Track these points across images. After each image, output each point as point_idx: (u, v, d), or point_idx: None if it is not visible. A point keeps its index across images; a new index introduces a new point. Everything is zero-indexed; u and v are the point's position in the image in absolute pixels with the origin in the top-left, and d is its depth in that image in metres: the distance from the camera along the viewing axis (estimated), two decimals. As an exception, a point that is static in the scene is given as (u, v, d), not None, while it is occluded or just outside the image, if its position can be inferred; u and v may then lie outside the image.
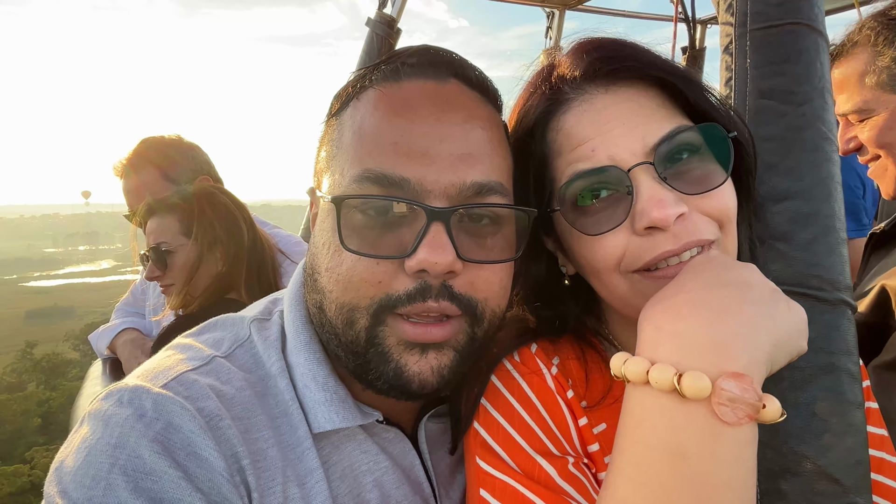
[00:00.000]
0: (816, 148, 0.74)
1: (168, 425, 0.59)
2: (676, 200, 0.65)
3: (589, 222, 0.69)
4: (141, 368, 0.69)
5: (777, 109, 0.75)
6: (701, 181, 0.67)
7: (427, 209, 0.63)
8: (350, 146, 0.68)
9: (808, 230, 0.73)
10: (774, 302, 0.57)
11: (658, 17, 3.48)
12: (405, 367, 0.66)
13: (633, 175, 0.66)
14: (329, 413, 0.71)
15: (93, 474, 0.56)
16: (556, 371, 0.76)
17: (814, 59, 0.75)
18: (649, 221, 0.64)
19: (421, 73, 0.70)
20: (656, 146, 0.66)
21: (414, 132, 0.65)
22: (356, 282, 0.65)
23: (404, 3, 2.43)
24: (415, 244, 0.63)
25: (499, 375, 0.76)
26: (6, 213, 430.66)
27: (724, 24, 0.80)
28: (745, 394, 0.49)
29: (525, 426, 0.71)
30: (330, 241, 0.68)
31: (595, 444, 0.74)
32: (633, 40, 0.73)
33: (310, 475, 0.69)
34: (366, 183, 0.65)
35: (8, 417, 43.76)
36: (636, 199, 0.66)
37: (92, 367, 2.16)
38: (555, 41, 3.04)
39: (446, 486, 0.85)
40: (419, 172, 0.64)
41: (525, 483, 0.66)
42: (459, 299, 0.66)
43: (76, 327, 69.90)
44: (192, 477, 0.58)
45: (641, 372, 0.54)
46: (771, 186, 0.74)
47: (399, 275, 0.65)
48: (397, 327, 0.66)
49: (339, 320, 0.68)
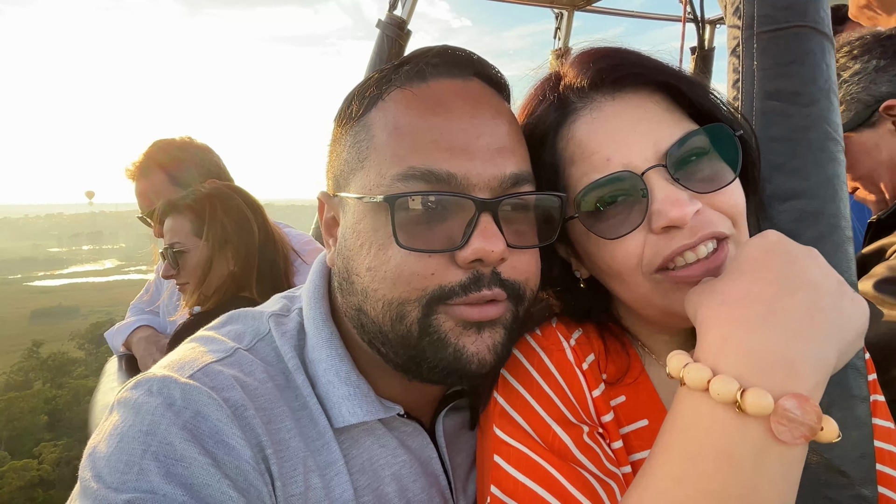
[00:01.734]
0: (822, 148, 0.75)
1: (196, 414, 0.62)
2: (691, 199, 0.67)
3: (607, 227, 0.71)
4: (167, 359, 0.71)
5: (783, 110, 0.76)
6: (712, 180, 0.69)
7: (477, 201, 0.66)
8: (386, 146, 0.69)
9: (813, 229, 0.75)
10: (841, 303, 0.54)
11: (667, 17, 3.47)
12: (464, 349, 0.68)
13: (647, 178, 0.68)
14: (353, 407, 0.73)
15: (126, 459, 0.58)
16: (575, 343, 0.79)
17: (819, 61, 0.76)
18: (668, 220, 0.66)
19: (446, 72, 0.72)
20: (668, 150, 0.68)
21: (452, 129, 0.67)
22: (406, 276, 0.66)
23: (414, 5, 2.44)
24: (466, 236, 0.66)
25: (521, 349, 0.78)
26: (11, 212, 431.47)
27: (732, 26, 0.82)
28: (805, 416, 0.48)
29: (544, 395, 0.73)
30: (371, 240, 0.69)
31: (609, 415, 0.76)
32: (632, 47, 0.75)
33: (330, 466, 0.71)
34: (412, 181, 0.66)
35: (16, 414, 44.35)
36: (652, 201, 0.68)
37: (108, 364, 2.20)
38: (563, 42, 3.04)
39: (463, 481, 0.86)
40: (463, 167, 0.66)
41: (540, 452, 0.68)
42: (506, 284, 0.69)
43: (81, 327, 70.26)
44: (220, 463, 0.60)
45: (702, 380, 0.52)
46: (777, 186, 0.76)
47: (450, 267, 0.66)
48: (452, 313, 0.67)
49: (386, 317, 0.69)
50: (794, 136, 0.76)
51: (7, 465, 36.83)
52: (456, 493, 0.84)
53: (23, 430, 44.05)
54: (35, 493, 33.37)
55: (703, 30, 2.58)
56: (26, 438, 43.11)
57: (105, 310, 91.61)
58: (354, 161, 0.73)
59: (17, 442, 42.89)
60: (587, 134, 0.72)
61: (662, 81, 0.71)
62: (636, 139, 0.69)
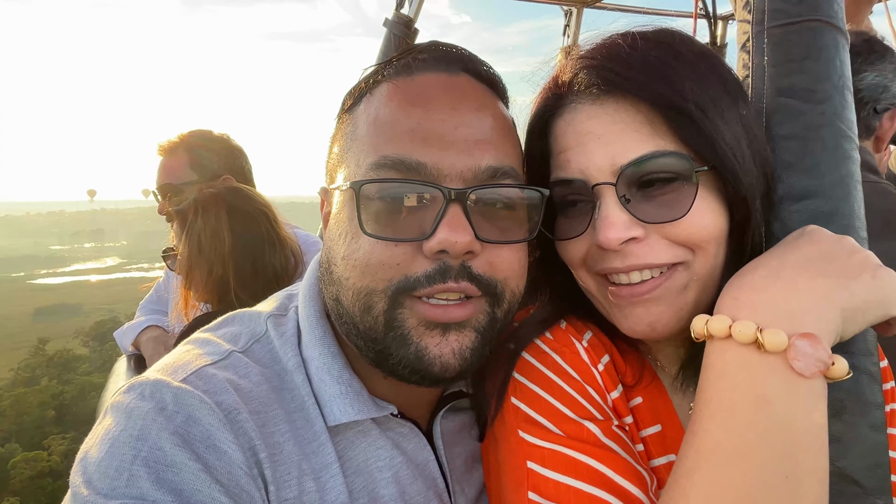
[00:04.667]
0: (836, 146, 0.73)
1: (188, 418, 0.61)
2: (629, 224, 0.67)
3: (560, 226, 0.76)
4: (161, 363, 0.71)
5: (796, 108, 0.74)
6: (664, 209, 0.67)
7: (444, 190, 0.65)
8: (365, 136, 0.69)
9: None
10: (856, 274, 0.60)
11: (677, 13, 3.39)
12: (426, 350, 0.67)
13: (596, 192, 0.69)
14: (344, 405, 0.72)
15: (116, 465, 0.58)
16: (587, 345, 0.77)
17: (833, 57, 0.73)
18: (596, 241, 0.68)
19: (433, 66, 0.72)
20: (623, 168, 0.67)
21: (430, 119, 0.67)
22: (374, 265, 0.66)
23: (421, 4, 2.41)
24: (434, 226, 0.65)
25: (531, 352, 0.77)
26: (12, 210, 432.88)
27: (742, 21, 0.79)
28: (816, 351, 0.56)
29: (565, 395, 0.71)
30: (346, 229, 0.69)
31: (629, 417, 0.75)
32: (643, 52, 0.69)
33: (325, 469, 0.70)
34: (383, 169, 0.66)
35: (26, 409, 45.44)
36: (596, 215, 0.69)
37: (117, 364, 2.24)
38: (573, 39, 3.00)
39: (461, 483, 0.85)
40: (436, 157, 0.65)
41: (573, 445, 0.66)
42: (479, 280, 0.67)
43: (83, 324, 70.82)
44: (211, 469, 0.60)
45: (724, 328, 0.60)
46: (789, 185, 0.74)
47: (417, 257, 0.66)
48: (416, 309, 0.67)
49: (356, 307, 0.68)
50: (806, 134, 0.74)
51: (19, 455, 38.02)
52: (454, 496, 0.83)
53: (32, 423, 45.06)
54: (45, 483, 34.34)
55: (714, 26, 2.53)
56: (35, 432, 44.10)
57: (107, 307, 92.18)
58: (341, 153, 0.74)
59: (26, 435, 43.93)
60: (561, 132, 0.73)
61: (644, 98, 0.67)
62: (597, 149, 0.68)
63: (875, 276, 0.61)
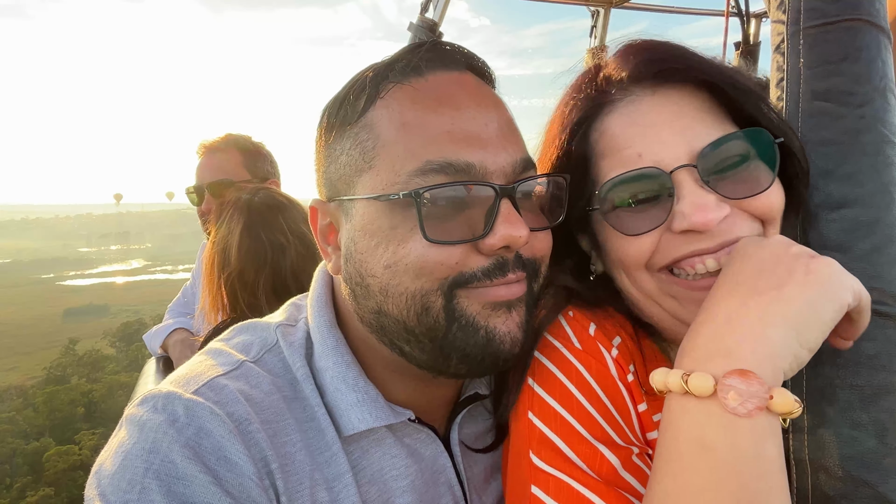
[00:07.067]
0: (878, 152, 0.69)
1: (199, 430, 0.61)
2: (718, 204, 0.66)
3: (628, 223, 0.72)
4: (175, 374, 0.71)
5: (834, 112, 0.70)
6: (745, 185, 0.67)
7: (497, 188, 0.66)
8: (397, 142, 0.68)
9: (867, 240, 0.69)
10: (787, 277, 0.58)
11: (709, 11, 3.28)
12: (495, 330, 0.68)
13: (675, 177, 0.67)
14: (362, 413, 0.71)
15: (129, 478, 0.58)
16: (617, 353, 0.74)
17: (874, 58, 0.70)
18: (689, 225, 0.66)
19: (441, 66, 0.72)
20: (702, 150, 0.66)
21: (462, 118, 0.68)
22: (430, 267, 0.66)
23: (446, 8, 2.39)
24: (490, 223, 0.66)
25: (550, 356, 0.74)
26: (42, 212, 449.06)
27: (776, 21, 0.76)
28: (750, 387, 0.54)
29: (585, 413, 0.69)
30: (388, 238, 0.68)
31: (654, 432, 0.72)
32: (682, 43, 0.72)
33: (338, 479, 0.70)
34: (431, 174, 0.65)
35: (58, 406, 47.49)
36: (677, 201, 0.67)
37: (146, 365, 2.28)
38: (600, 40, 2.94)
39: (479, 491, 0.84)
40: (479, 156, 0.67)
41: (583, 479, 0.65)
42: (527, 264, 0.71)
43: (111, 324, 73.13)
44: (221, 481, 0.60)
45: (662, 382, 0.61)
46: (827, 194, 0.70)
47: (472, 255, 0.67)
48: (474, 296, 0.68)
49: (411, 311, 0.68)
50: (845, 140, 0.70)
51: (53, 449, 39.85)
52: (471, 503, 0.82)
53: (63, 419, 47.05)
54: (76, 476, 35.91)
55: (747, 23, 2.43)
56: (66, 427, 46.05)
57: (133, 308, 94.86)
58: (359, 162, 0.71)
59: (59, 430, 45.91)
60: (621, 127, 0.72)
61: (705, 81, 0.69)
62: (670, 136, 0.68)
63: (808, 272, 0.58)
